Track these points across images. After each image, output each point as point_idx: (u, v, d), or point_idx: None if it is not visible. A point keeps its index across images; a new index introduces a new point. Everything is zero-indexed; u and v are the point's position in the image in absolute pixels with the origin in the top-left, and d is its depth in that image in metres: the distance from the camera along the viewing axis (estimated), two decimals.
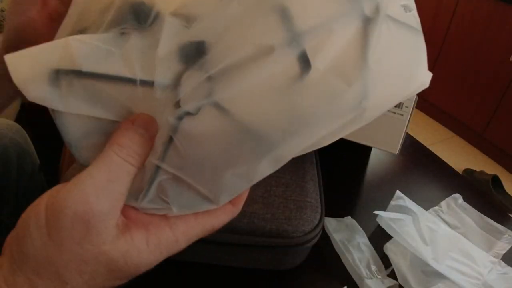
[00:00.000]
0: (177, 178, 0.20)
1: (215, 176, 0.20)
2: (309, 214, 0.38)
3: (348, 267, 0.44)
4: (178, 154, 0.19)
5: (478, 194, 0.58)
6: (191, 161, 0.19)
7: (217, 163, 0.19)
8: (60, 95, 0.19)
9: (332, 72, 0.18)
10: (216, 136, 0.18)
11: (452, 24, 1.99)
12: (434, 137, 2.13)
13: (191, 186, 0.20)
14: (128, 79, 0.18)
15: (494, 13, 1.78)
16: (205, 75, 0.18)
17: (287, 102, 0.18)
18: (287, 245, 0.37)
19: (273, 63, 0.17)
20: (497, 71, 1.82)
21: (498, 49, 1.80)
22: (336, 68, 0.18)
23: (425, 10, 2.09)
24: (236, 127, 0.18)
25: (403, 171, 0.63)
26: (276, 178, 0.40)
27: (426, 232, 0.46)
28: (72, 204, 0.17)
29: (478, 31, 1.87)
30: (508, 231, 0.49)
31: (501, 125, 1.85)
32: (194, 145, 0.19)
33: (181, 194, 0.21)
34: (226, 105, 0.18)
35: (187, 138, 0.19)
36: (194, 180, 0.20)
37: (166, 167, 0.20)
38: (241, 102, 0.18)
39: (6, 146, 0.53)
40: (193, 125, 0.18)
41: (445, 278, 0.41)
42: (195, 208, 0.22)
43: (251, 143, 0.18)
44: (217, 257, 0.41)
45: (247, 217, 0.37)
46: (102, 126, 0.20)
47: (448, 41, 2.04)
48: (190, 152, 0.19)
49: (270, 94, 0.18)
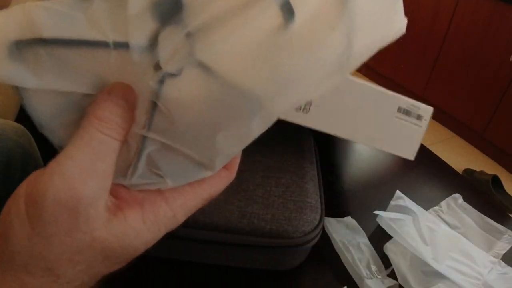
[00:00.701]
0: (167, 146, 0.19)
1: (208, 139, 0.19)
2: (309, 214, 0.38)
3: (348, 267, 0.44)
4: (164, 120, 0.18)
5: (478, 194, 0.57)
6: (179, 126, 0.18)
7: (207, 126, 0.18)
8: (25, 71, 0.17)
9: (315, 18, 0.17)
10: (202, 97, 0.17)
11: (452, 24, 1.99)
12: (434, 137, 2.13)
13: (183, 154, 0.19)
14: (100, 42, 0.16)
15: (494, 13, 1.78)
16: (183, 31, 0.16)
17: (272, 54, 0.17)
18: (287, 245, 0.37)
19: (255, 14, 0.16)
20: (497, 71, 1.82)
21: (498, 49, 1.80)
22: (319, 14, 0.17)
23: (425, 10, 2.09)
24: (222, 86, 0.17)
25: (403, 171, 0.63)
26: (276, 179, 0.40)
27: (426, 232, 0.46)
28: (54, 192, 0.16)
29: (478, 31, 1.87)
30: (508, 231, 0.49)
31: (501, 125, 1.85)
32: (180, 109, 0.17)
33: (173, 164, 0.19)
34: (209, 63, 0.16)
35: (172, 101, 0.17)
36: (186, 146, 0.19)
37: (154, 135, 0.18)
38: (225, 59, 0.16)
39: (11, 149, 0.53)
40: (177, 87, 0.17)
41: (445, 278, 0.41)
42: (190, 178, 0.20)
43: (239, 102, 0.17)
44: (217, 257, 0.41)
45: (247, 217, 0.37)
46: (76, 101, 0.18)
47: (448, 41, 2.04)
48: (177, 116, 0.18)
49: (254, 47, 0.16)
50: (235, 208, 0.37)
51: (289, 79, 0.17)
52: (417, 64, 2.27)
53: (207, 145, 0.19)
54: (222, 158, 0.20)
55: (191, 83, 0.17)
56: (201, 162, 0.20)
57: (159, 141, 0.19)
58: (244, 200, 0.38)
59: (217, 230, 0.37)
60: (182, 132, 0.18)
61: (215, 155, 0.19)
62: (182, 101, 0.17)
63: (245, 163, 0.42)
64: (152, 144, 0.19)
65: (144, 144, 0.19)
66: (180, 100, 0.17)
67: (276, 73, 0.17)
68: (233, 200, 0.38)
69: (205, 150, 0.19)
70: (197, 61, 0.16)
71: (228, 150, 0.20)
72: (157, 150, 0.19)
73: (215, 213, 0.37)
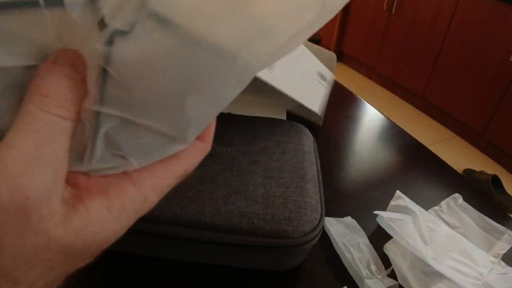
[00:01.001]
0: (126, 122, 0.16)
1: (175, 107, 0.16)
2: (309, 214, 0.38)
3: (348, 267, 0.44)
4: (119, 89, 0.15)
5: (478, 194, 0.58)
6: (138, 95, 0.15)
7: (172, 90, 0.15)
8: None
9: None
10: (162, 56, 0.14)
11: (452, 24, 2.00)
12: (434, 137, 2.13)
13: (147, 128, 0.16)
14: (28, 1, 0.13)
15: (494, 13, 1.78)
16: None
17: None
18: (287, 245, 0.37)
19: None
20: (497, 71, 1.82)
21: (498, 49, 1.80)
22: None
23: (425, 10, 2.09)
24: (184, 41, 0.14)
25: (403, 171, 0.63)
26: (276, 179, 0.40)
27: (426, 232, 0.46)
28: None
29: (478, 31, 1.87)
30: (508, 231, 0.49)
31: (501, 125, 1.85)
32: (137, 73, 0.14)
33: (137, 141, 0.17)
34: (166, 13, 0.14)
35: (125, 65, 0.14)
36: (149, 118, 0.16)
37: (108, 110, 0.15)
38: (185, 7, 0.14)
39: None
40: (129, 46, 0.14)
41: (445, 278, 0.41)
42: (159, 154, 0.18)
43: (207, 58, 0.15)
44: (217, 257, 0.41)
45: (247, 217, 0.37)
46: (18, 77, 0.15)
47: (448, 41, 2.04)
48: (134, 82, 0.15)
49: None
50: (235, 208, 0.37)
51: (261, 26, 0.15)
52: (417, 64, 2.27)
53: (175, 114, 0.16)
54: (195, 127, 0.17)
55: (145, 40, 0.14)
56: (170, 135, 0.17)
57: (116, 116, 0.16)
58: (244, 200, 0.38)
59: (217, 230, 0.37)
60: (142, 101, 0.15)
61: (185, 125, 0.17)
62: (137, 63, 0.14)
63: (245, 163, 0.42)
64: (108, 121, 0.16)
65: (98, 121, 0.16)
66: (135, 62, 0.14)
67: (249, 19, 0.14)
68: (233, 200, 0.38)
69: (173, 120, 0.16)
70: (151, 12, 0.13)
71: (201, 117, 0.17)
72: (115, 128, 0.16)
73: (215, 213, 0.37)
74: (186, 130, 0.17)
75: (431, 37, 2.12)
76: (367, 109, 0.81)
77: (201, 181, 0.39)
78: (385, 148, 0.68)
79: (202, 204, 0.37)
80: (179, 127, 0.17)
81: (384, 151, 0.67)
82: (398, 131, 0.73)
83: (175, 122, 0.17)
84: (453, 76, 2.05)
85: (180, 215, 0.36)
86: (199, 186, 0.38)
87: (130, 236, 0.42)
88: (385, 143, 0.70)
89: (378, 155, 0.66)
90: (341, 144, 0.67)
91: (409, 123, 2.23)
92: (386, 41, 2.45)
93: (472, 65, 1.94)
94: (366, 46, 2.63)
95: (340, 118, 0.75)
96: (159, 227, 0.37)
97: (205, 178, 0.39)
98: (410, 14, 2.21)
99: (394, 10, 2.31)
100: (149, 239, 0.39)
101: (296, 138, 0.47)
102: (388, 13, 2.37)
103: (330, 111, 0.69)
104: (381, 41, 2.48)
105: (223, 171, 0.41)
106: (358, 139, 0.70)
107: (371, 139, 0.71)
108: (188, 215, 0.36)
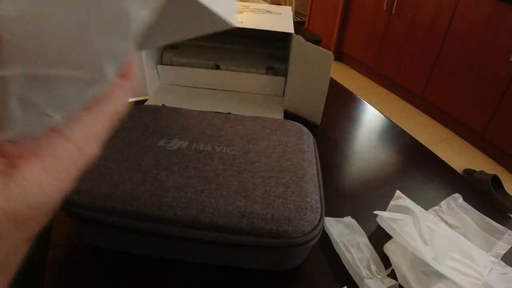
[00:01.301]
0: (32, 77, 0.15)
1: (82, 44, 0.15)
2: (309, 214, 0.38)
3: (348, 267, 0.44)
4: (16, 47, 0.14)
5: (478, 194, 0.58)
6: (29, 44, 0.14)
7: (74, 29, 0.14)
8: None
9: None
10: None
11: (453, 24, 2.00)
12: (434, 137, 2.13)
13: (58, 77, 0.15)
14: None
15: (494, 13, 1.78)
16: None
17: None
18: (287, 245, 0.37)
19: None
20: (497, 71, 1.82)
21: (498, 49, 1.80)
22: None
23: (425, 10, 2.09)
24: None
25: (403, 171, 0.63)
26: (276, 179, 0.40)
27: (426, 232, 0.46)
28: None
29: (478, 31, 1.87)
30: (508, 231, 0.49)
31: (501, 125, 1.85)
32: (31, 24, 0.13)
33: (54, 94, 0.16)
34: None
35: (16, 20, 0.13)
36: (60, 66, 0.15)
37: (10, 71, 0.14)
38: None
39: None
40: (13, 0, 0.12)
41: (445, 278, 0.41)
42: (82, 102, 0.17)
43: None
44: (217, 257, 0.41)
45: (247, 217, 0.37)
46: None
47: (448, 41, 2.04)
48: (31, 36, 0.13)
49: None
50: (235, 208, 0.37)
51: None
52: (417, 64, 2.27)
53: (85, 53, 0.15)
54: (112, 62, 0.16)
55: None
56: (86, 79, 0.16)
57: (18, 75, 0.15)
58: (244, 200, 0.38)
59: (217, 230, 0.37)
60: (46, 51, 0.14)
61: (100, 62, 0.16)
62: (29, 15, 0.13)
63: (245, 163, 0.42)
64: (15, 82, 0.15)
65: (5, 85, 0.15)
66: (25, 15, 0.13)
67: None
68: (233, 200, 0.38)
69: (85, 61, 0.15)
70: None
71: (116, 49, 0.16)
72: (23, 87, 0.15)
73: (215, 213, 0.37)
74: (103, 67, 0.16)
75: (431, 37, 2.12)
76: (367, 109, 0.81)
77: (201, 181, 0.39)
78: (385, 148, 0.68)
79: (202, 204, 0.37)
80: (93, 67, 0.16)
81: (384, 151, 0.67)
82: (398, 131, 0.73)
83: (89, 63, 0.16)
84: (453, 76, 2.06)
85: (180, 215, 0.36)
86: (199, 186, 0.38)
87: (130, 236, 0.42)
88: (385, 143, 0.70)
89: (378, 155, 0.66)
90: (341, 144, 0.67)
91: (409, 123, 2.23)
92: (386, 41, 2.45)
93: (472, 65, 1.94)
94: (366, 46, 2.63)
95: (340, 118, 0.75)
96: (159, 227, 0.37)
97: (205, 178, 0.39)
98: (410, 14, 2.21)
99: (394, 10, 2.31)
100: (149, 239, 0.39)
101: (296, 138, 0.47)
102: (388, 13, 2.37)
103: (330, 111, 0.69)
104: (381, 41, 2.48)
105: (223, 171, 0.41)
106: (358, 139, 0.70)
107: (371, 139, 0.71)
108: (188, 215, 0.36)
